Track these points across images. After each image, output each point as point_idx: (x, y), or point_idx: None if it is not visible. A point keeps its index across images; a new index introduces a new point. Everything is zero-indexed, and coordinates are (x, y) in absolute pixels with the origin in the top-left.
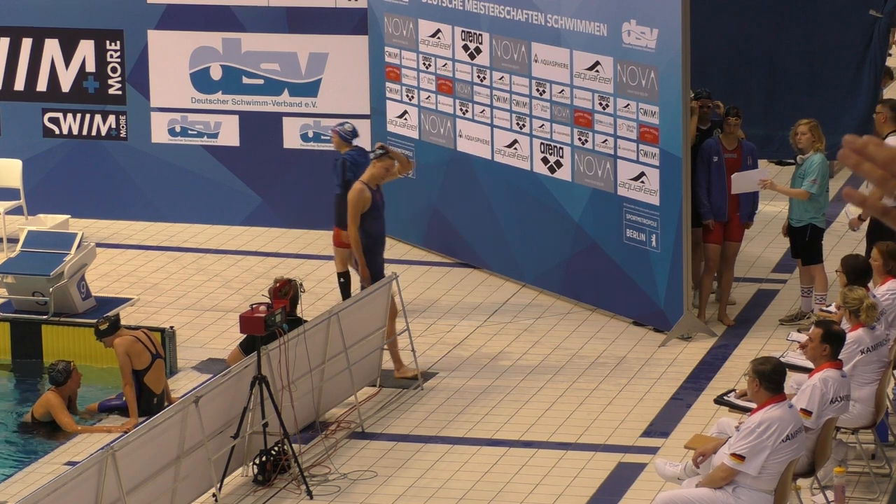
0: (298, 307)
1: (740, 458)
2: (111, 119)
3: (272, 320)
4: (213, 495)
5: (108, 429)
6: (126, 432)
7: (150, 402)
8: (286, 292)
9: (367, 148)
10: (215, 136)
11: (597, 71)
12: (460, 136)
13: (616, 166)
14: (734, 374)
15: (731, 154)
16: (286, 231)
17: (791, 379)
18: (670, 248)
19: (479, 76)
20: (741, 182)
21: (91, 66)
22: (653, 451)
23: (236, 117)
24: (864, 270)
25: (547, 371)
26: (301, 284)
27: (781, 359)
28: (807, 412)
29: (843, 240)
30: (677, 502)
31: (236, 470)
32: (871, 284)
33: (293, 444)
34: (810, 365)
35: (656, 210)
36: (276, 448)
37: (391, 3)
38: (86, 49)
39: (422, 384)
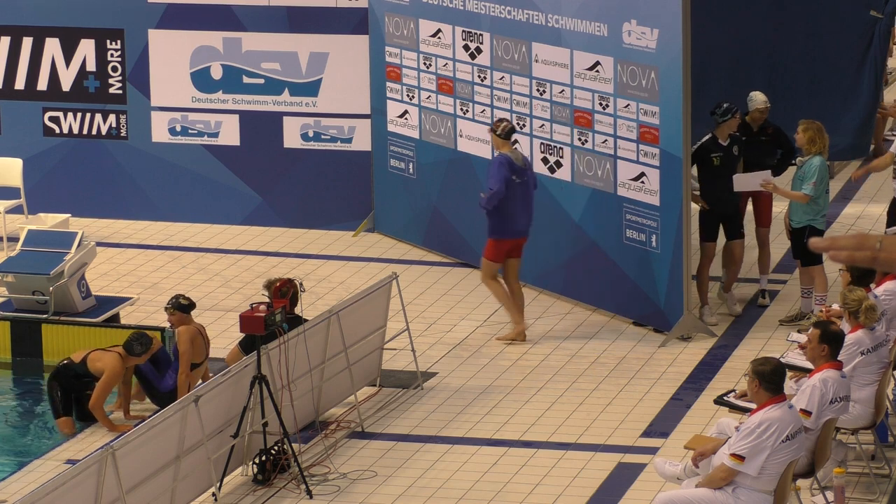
0: (298, 307)
1: (740, 458)
2: (111, 118)
3: (272, 320)
4: (213, 495)
5: (119, 428)
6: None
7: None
8: (286, 292)
9: (368, 147)
10: (216, 135)
11: (597, 71)
12: (461, 135)
13: (616, 166)
14: (734, 374)
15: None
16: (286, 231)
17: (791, 380)
18: (670, 249)
19: (479, 76)
20: (743, 182)
21: (91, 66)
22: (653, 451)
23: (237, 117)
24: (869, 269)
25: (547, 371)
26: (301, 284)
27: (781, 359)
28: (806, 413)
29: None
30: (677, 502)
31: (236, 469)
32: (871, 285)
33: (293, 444)
34: (810, 365)
35: (656, 210)
36: (275, 447)
37: (392, 2)
38: (86, 48)
39: (422, 384)
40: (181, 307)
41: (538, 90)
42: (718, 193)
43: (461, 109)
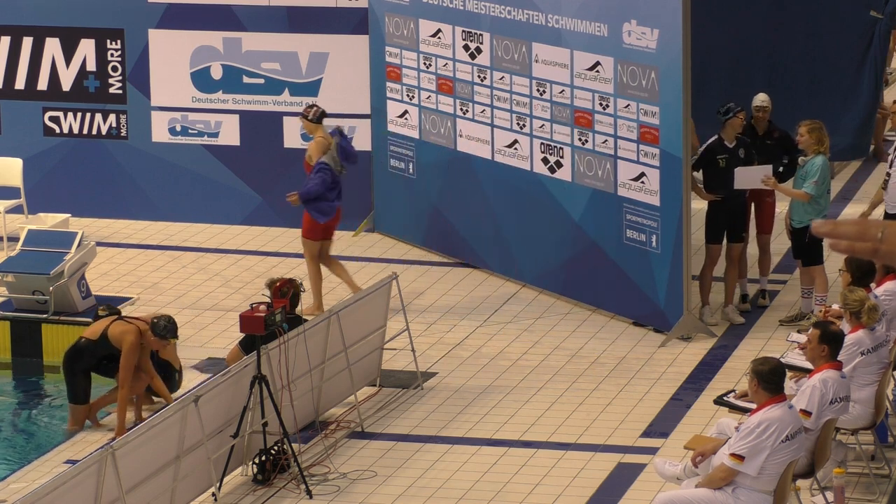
0: (299, 307)
1: (740, 458)
2: (112, 118)
3: (272, 320)
4: (213, 494)
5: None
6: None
7: (171, 376)
8: (286, 292)
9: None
10: (216, 135)
11: (597, 71)
12: (460, 135)
13: (616, 167)
14: (734, 374)
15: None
16: (286, 230)
17: (791, 380)
18: (670, 249)
19: (479, 76)
20: (744, 177)
21: (92, 65)
22: (652, 451)
23: (237, 116)
24: (869, 269)
25: (547, 371)
26: (301, 284)
27: (781, 359)
28: (806, 413)
29: None
30: (677, 502)
31: (236, 469)
32: (872, 285)
33: (293, 444)
34: (810, 366)
35: (656, 210)
36: (275, 447)
37: (392, 2)
38: (86, 48)
39: (422, 384)
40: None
41: (538, 90)
42: (724, 195)
43: (461, 109)
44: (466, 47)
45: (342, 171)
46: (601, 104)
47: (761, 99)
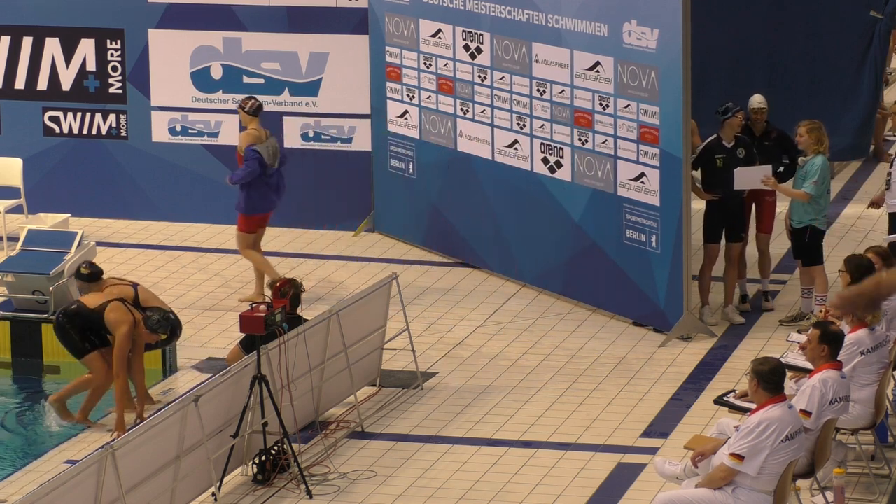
0: (299, 307)
1: (739, 458)
2: (111, 118)
3: (272, 320)
4: (213, 494)
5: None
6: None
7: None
8: (286, 292)
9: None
10: (216, 135)
11: (597, 71)
12: (461, 135)
13: (616, 167)
14: (734, 374)
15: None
16: (286, 231)
17: (791, 380)
18: (670, 249)
19: (479, 76)
20: (744, 178)
21: (92, 65)
22: (652, 451)
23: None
24: (869, 269)
25: (547, 371)
26: (301, 284)
27: (781, 360)
28: (806, 413)
29: (843, 241)
30: (677, 502)
31: (236, 469)
32: None
33: (293, 444)
34: (810, 366)
35: (656, 210)
36: (275, 447)
37: (392, 2)
38: (86, 48)
39: (422, 384)
40: (81, 276)
41: (538, 90)
42: (722, 195)
43: (461, 109)
44: (466, 47)
45: (273, 164)
46: (601, 104)
47: (758, 101)
